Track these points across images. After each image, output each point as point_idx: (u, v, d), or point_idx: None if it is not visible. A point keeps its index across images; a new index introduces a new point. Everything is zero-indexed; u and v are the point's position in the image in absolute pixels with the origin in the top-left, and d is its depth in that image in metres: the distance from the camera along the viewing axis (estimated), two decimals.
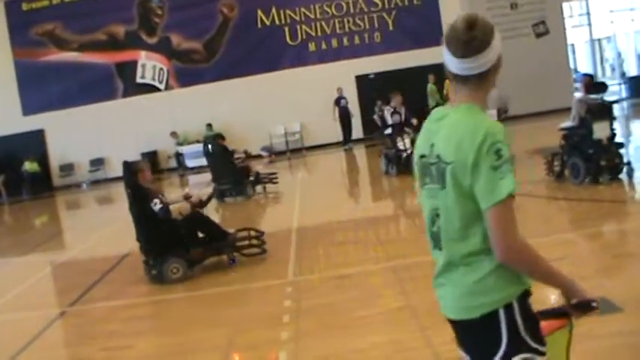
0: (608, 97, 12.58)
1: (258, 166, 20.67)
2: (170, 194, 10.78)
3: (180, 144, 27.53)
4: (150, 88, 28.42)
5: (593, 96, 11.98)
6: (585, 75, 13.56)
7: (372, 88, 26.87)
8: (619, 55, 34.31)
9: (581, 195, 11.22)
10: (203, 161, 26.65)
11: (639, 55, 32.05)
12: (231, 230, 10.05)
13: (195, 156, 26.84)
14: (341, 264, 9.19)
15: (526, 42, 26.02)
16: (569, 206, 11.16)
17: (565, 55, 28.46)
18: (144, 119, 27.66)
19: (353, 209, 13.85)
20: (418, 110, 23.53)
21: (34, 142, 28.19)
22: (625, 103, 28.34)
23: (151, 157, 27.95)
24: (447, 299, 2.92)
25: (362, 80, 27.63)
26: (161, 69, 28.42)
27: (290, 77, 27.38)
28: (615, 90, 31.28)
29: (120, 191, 25.13)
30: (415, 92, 25.37)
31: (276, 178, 17.22)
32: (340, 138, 26.39)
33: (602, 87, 12.43)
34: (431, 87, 25.32)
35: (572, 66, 33.28)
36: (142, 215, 9.27)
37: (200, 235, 9.71)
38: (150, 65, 28.44)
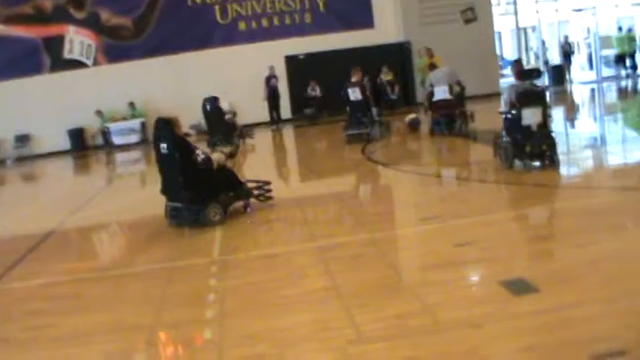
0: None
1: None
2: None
3: (105, 122, 27.21)
4: (77, 64, 27.98)
5: (522, 82, 12.13)
6: (516, 61, 13.83)
7: (301, 69, 26.96)
8: (543, 43, 34.95)
9: (508, 179, 11.52)
10: (130, 139, 26.62)
11: (562, 45, 32.66)
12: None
13: (122, 133, 26.63)
14: (267, 243, 9.24)
15: (454, 28, 26.33)
16: (495, 189, 11.48)
17: (492, 42, 28.91)
18: (71, 95, 27.25)
19: (280, 189, 13.88)
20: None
21: None
22: (547, 91, 28.95)
23: (78, 134, 27.63)
24: None
25: (292, 60, 27.62)
26: (89, 45, 27.99)
27: (220, 56, 27.24)
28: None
29: (45, 168, 24.87)
30: (345, 75, 25.51)
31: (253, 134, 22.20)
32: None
33: (534, 73, 12.57)
34: (419, 62, 25.13)
35: (498, 53, 33.86)
36: (185, 165, 10.10)
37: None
38: (78, 40, 27.98)
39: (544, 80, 30.33)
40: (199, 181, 10.21)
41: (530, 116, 11.50)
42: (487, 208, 9.66)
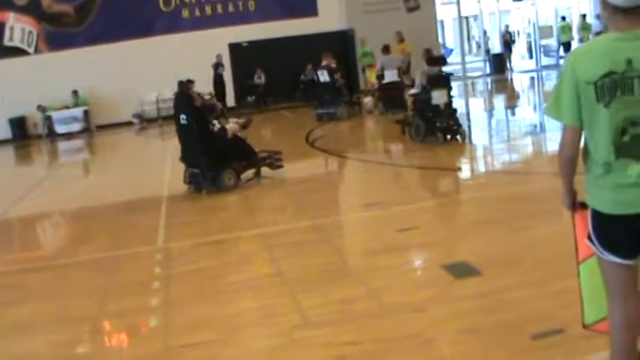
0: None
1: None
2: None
3: (46, 112, 26.83)
4: (18, 52, 27.51)
5: (431, 68, 13.84)
6: (426, 50, 15.12)
7: (245, 57, 26.88)
8: (485, 33, 35.30)
9: (439, 163, 11.80)
10: (73, 127, 26.29)
11: (503, 34, 33.02)
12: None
13: (65, 122, 26.31)
14: (211, 231, 9.22)
15: (397, 16, 26.42)
16: (425, 175, 11.69)
17: (435, 30, 29.12)
18: (12, 84, 26.80)
19: None
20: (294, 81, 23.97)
21: None
22: (488, 79, 29.31)
23: (19, 123, 27.23)
24: None
25: (235, 48, 27.52)
26: (30, 32, 27.53)
27: (163, 44, 26.97)
28: (480, 66, 32.38)
29: None
30: (288, 62, 25.53)
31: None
32: None
33: (441, 60, 14.56)
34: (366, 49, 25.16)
35: (440, 42, 34.11)
36: (202, 134, 11.07)
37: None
38: (19, 27, 27.49)
39: (485, 69, 30.88)
40: (215, 149, 11.11)
41: (439, 97, 13.42)
42: (422, 194, 9.83)
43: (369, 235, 8.14)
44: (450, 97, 13.73)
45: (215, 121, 11.39)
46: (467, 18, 40.05)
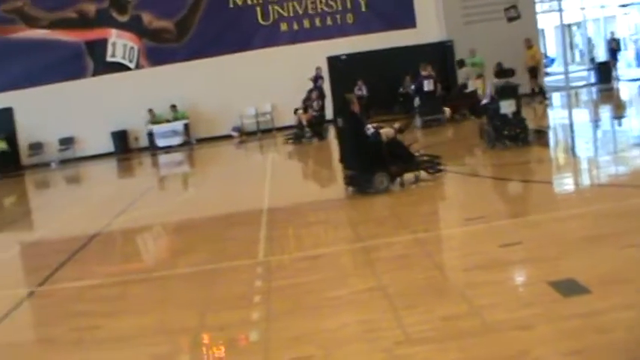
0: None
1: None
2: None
3: (154, 122, 27.33)
4: (120, 67, 28.17)
5: (499, 80, 15.08)
6: (497, 63, 17.18)
7: (343, 69, 26.85)
8: (589, 41, 34.43)
9: (541, 176, 11.55)
10: (173, 141, 26.71)
11: (608, 41, 32.19)
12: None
13: (165, 135, 26.75)
14: (312, 244, 9.19)
15: (497, 26, 26.01)
16: (527, 188, 11.38)
17: (536, 39, 28.55)
18: (114, 98, 27.42)
19: (323, 190, 13.87)
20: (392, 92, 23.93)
21: (2, 121, 27.89)
22: (593, 89, 28.58)
23: (121, 136, 27.81)
24: None
25: (334, 61, 27.53)
26: (132, 47, 28.16)
27: (261, 57, 27.21)
28: (584, 75, 31.56)
29: (89, 170, 25.08)
30: (387, 74, 25.38)
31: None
32: None
33: (509, 72, 15.28)
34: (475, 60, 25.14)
35: (542, 51, 33.41)
36: (356, 138, 11.49)
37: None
38: (120, 44, 28.17)
39: (589, 78, 30.13)
40: (368, 152, 11.42)
41: (506, 106, 14.42)
42: (529, 209, 9.56)
43: (470, 250, 7.92)
44: (519, 106, 14.65)
45: (369, 125, 11.60)
46: (569, 26, 39.15)
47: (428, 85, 21.67)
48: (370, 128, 11.53)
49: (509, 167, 13.13)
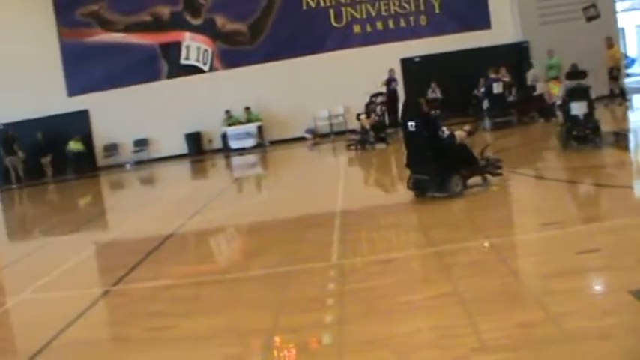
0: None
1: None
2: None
3: (229, 124, 27.55)
4: (194, 70, 28.50)
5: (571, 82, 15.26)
6: (571, 65, 17.76)
7: (417, 72, 26.69)
8: None
9: (618, 181, 11.37)
10: (246, 143, 26.90)
11: None
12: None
13: (239, 137, 26.96)
14: (385, 248, 9.11)
15: (575, 26, 25.53)
16: (603, 193, 11.10)
17: (616, 39, 27.97)
18: (187, 100, 27.77)
19: (394, 193, 13.76)
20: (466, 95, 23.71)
21: (79, 123, 28.45)
22: None
23: (194, 138, 28.13)
24: None
25: (407, 63, 27.40)
26: (205, 50, 28.47)
27: (334, 60, 27.25)
28: None
29: (163, 172, 25.38)
30: (461, 76, 25.11)
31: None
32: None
33: (581, 74, 15.29)
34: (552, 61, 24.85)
35: (622, 51, 32.74)
36: (431, 141, 11.28)
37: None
38: (194, 46, 28.51)
39: None
40: (444, 155, 11.27)
41: (577, 108, 14.51)
42: (608, 214, 9.33)
43: (547, 257, 7.73)
44: (591, 108, 14.63)
45: (444, 129, 11.40)
46: None
47: (497, 88, 22.04)
48: (445, 131, 11.36)
49: (584, 170, 12.91)
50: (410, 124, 11.60)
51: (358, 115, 22.50)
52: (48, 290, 9.28)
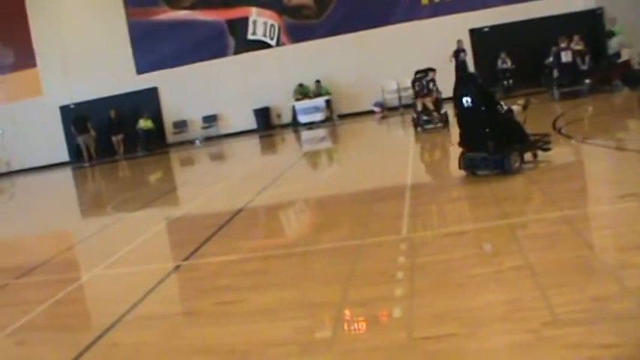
0: None
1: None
2: None
3: (301, 97, 27.54)
4: (261, 45, 28.56)
5: None
6: None
7: (487, 42, 26.33)
8: None
9: None
10: (315, 117, 26.92)
11: None
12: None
13: (307, 112, 26.99)
14: (455, 221, 9.00)
15: None
16: None
17: None
18: (255, 76, 27.88)
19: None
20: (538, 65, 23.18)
21: (148, 100, 28.84)
22: None
23: (263, 113, 28.24)
24: None
25: (476, 34, 27.02)
26: (272, 25, 28.48)
27: (402, 31, 27.03)
28: None
29: (232, 147, 25.53)
30: (532, 46, 24.62)
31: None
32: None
33: None
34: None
35: None
36: (490, 116, 10.84)
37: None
38: (261, 22, 28.54)
39: None
40: (502, 131, 10.88)
41: None
42: None
43: (623, 229, 7.51)
44: None
45: (502, 103, 11.07)
46: None
47: (565, 57, 21.92)
48: (503, 106, 11.01)
49: None
50: (465, 99, 11.04)
51: (416, 95, 20.52)
52: (120, 266, 9.42)
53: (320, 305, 6.40)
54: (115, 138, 28.88)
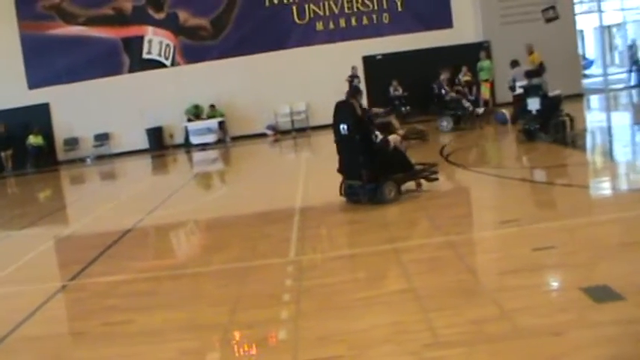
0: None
1: None
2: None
3: (193, 119, 27.40)
4: (156, 64, 28.35)
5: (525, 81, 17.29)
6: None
7: (379, 69, 26.77)
8: (634, 42, 33.71)
9: (578, 180, 11.61)
10: (207, 138, 26.83)
11: None
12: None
13: (200, 133, 26.89)
14: (343, 244, 9.17)
15: (535, 27, 25.75)
16: (562, 192, 11.18)
17: (574, 41, 28.27)
18: (149, 95, 27.63)
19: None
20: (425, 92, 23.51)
21: (39, 116, 28.18)
22: (633, 91, 28.22)
23: (156, 133, 27.98)
24: None
25: (369, 61, 27.47)
26: (167, 45, 28.33)
27: (297, 56, 27.26)
28: (623, 78, 31.20)
29: (124, 167, 25.23)
30: (423, 75, 25.12)
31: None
32: None
33: (534, 73, 17.60)
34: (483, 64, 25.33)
35: (580, 52, 33.07)
36: (363, 145, 10.87)
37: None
38: (156, 41, 28.35)
39: (629, 81, 29.76)
40: (377, 160, 10.91)
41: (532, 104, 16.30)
42: (565, 213, 9.44)
43: (503, 254, 7.83)
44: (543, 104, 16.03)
45: (377, 132, 11.04)
46: (609, 27, 38.72)
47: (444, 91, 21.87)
48: (378, 135, 11.00)
49: (543, 171, 13.04)
50: (342, 126, 11.07)
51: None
52: (4, 285, 9.22)
53: (207, 327, 6.41)
54: (3, 153, 28.13)
